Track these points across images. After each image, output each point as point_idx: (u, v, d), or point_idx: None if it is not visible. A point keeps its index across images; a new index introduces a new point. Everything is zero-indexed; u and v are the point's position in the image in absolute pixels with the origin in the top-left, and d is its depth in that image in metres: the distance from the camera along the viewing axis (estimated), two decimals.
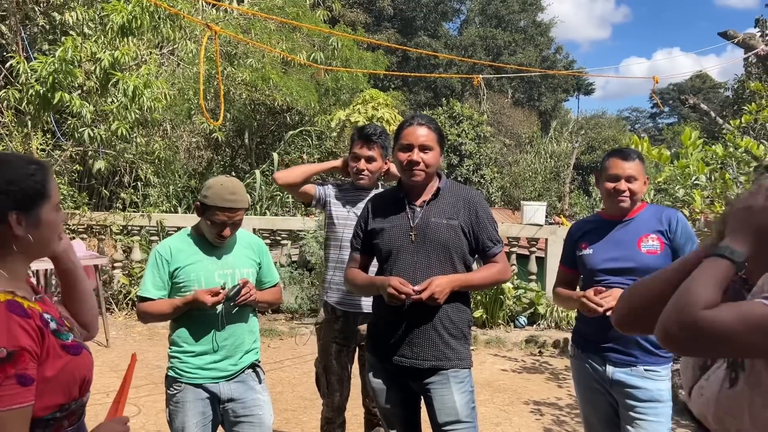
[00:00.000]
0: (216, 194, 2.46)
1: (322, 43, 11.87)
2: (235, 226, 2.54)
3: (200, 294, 2.42)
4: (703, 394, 1.25)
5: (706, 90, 38.31)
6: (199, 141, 12.27)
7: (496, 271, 2.52)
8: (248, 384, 2.61)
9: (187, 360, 2.53)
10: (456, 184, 2.62)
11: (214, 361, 2.53)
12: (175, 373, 2.54)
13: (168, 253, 2.55)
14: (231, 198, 2.47)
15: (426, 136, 2.47)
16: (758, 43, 9.35)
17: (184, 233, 2.65)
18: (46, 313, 1.44)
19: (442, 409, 2.43)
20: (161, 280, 2.53)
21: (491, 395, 5.25)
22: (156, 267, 2.54)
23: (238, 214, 2.50)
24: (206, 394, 2.53)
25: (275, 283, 2.80)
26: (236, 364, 2.58)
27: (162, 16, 7.77)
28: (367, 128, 3.19)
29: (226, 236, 2.52)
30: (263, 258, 2.73)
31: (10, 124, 7.44)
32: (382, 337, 2.51)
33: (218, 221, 2.47)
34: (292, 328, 7.04)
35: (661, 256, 2.54)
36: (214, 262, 2.56)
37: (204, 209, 2.50)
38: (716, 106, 21.66)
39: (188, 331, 2.54)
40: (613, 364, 2.57)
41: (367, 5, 30.90)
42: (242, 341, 2.59)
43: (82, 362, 1.47)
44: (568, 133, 27.96)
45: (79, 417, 1.52)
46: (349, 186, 3.29)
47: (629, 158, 2.62)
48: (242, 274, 2.59)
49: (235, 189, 2.51)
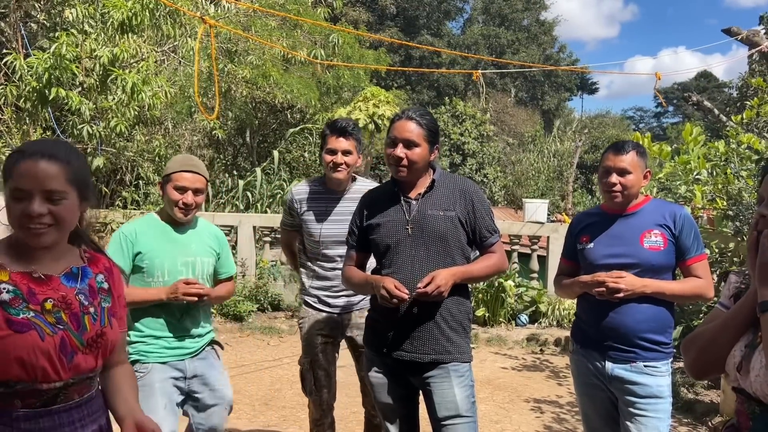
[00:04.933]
0: (175, 161, 2.65)
1: (323, 40, 11.84)
2: (198, 195, 2.59)
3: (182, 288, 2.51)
4: (759, 375, 1.34)
5: (711, 89, 38.18)
6: (200, 139, 12.27)
7: (494, 261, 2.48)
8: (209, 361, 2.71)
9: (151, 342, 2.58)
10: (451, 176, 2.58)
11: (177, 339, 2.61)
12: (141, 356, 2.57)
13: (133, 234, 2.58)
14: (190, 163, 2.61)
15: (412, 132, 2.39)
16: (762, 40, 9.28)
17: (150, 217, 2.71)
18: (6, 284, 1.47)
19: (442, 403, 2.40)
20: (124, 261, 2.53)
21: (491, 393, 5.22)
22: (120, 247, 2.55)
23: (198, 181, 2.58)
24: (173, 372, 2.58)
25: (231, 275, 2.87)
26: (197, 341, 2.67)
27: (162, 14, 7.75)
28: (339, 121, 3.07)
29: (188, 204, 2.57)
30: (222, 249, 2.80)
31: (9, 121, 7.43)
32: (382, 331, 2.47)
33: (179, 186, 2.55)
34: (291, 326, 7.02)
35: (663, 252, 2.50)
36: (177, 249, 2.62)
37: (165, 181, 2.59)
38: (721, 105, 21.56)
39: (150, 316, 2.59)
40: (612, 360, 2.52)
41: (370, 4, 30.87)
42: (199, 320, 2.69)
43: (22, 342, 1.44)
44: (572, 132, 27.87)
45: (43, 404, 1.50)
46: (322, 189, 3.15)
47: (622, 151, 2.56)
48: (203, 263, 2.67)
49: (194, 158, 2.69)
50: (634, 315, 2.48)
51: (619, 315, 2.50)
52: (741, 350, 1.41)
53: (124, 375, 1.75)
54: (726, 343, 1.44)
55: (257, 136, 13.03)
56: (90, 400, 1.61)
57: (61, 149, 1.54)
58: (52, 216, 1.49)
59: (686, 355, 1.57)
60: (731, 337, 1.44)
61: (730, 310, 1.52)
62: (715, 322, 1.52)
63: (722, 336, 1.46)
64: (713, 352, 1.48)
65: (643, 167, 2.59)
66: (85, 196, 1.58)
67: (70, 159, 1.54)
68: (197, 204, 2.61)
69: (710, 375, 1.62)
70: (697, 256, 2.52)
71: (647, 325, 2.48)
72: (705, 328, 1.54)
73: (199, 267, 2.65)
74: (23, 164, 1.48)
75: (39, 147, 1.52)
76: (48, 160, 1.49)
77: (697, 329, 1.57)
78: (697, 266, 2.52)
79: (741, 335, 1.43)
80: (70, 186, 1.52)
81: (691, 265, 2.52)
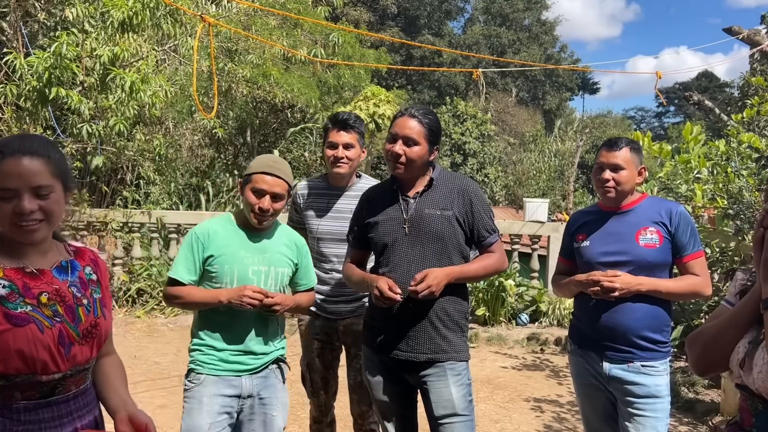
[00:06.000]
0: (258, 161, 2.43)
1: (323, 40, 11.84)
2: (276, 201, 2.38)
3: (248, 291, 2.28)
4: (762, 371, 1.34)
5: (712, 89, 38.10)
6: (201, 139, 12.28)
7: (492, 261, 2.46)
8: (270, 380, 2.47)
9: (209, 352, 2.39)
10: (450, 174, 2.56)
11: (238, 353, 2.39)
12: (196, 365, 2.40)
13: (206, 236, 2.40)
14: (273, 165, 2.40)
15: (412, 130, 2.38)
16: (763, 39, 9.28)
17: (226, 218, 2.51)
18: (1, 280, 1.49)
19: (439, 402, 2.39)
20: (194, 263, 2.38)
21: (491, 392, 5.21)
22: (190, 249, 2.39)
23: (279, 185, 2.37)
24: (226, 389, 2.37)
25: (311, 287, 2.64)
26: (260, 357, 2.43)
27: (162, 13, 7.74)
28: (340, 114, 3.02)
29: (265, 209, 2.35)
30: (302, 259, 2.57)
31: (9, 120, 7.43)
32: (378, 330, 2.47)
33: (257, 189, 2.35)
34: (291, 326, 7.00)
35: (659, 249, 2.48)
36: (250, 256, 2.41)
37: (245, 182, 2.41)
38: (722, 104, 21.53)
39: (213, 324, 2.40)
40: (610, 360, 2.52)
41: (371, 3, 30.86)
42: (267, 335, 2.46)
43: (23, 335, 1.47)
44: (573, 132, 27.88)
45: (42, 396, 1.53)
46: (325, 185, 3.10)
47: (615, 147, 2.55)
48: (277, 274, 2.45)
49: (279, 161, 2.46)
50: (631, 314, 2.47)
51: (615, 314, 2.49)
52: (745, 347, 1.41)
53: (112, 366, 1.78)
54: (730, 339, 1.44)
55: (258, 135, 13.03)
56: (85, 391, 1.64)
57: (38, 144, 1.55)
58: (42, 211, 1.51)
59: (691, 351, 1.57)
60: (736, 334, 1.44)
61: (735, 306, 1.52)
62: (720, 318, 1.52)
63: (727, 333, 1.46)
64: (717, 348, 1.47)
65: (638, 163, 2.57)
66: (68, 186, 1.60)
67: (50, 153, 1.55)
68: (275, 210, 2.40)
69: (715, 372, 1.61)
70: (694, 253, 2.50)
71: (644, 323, 2.47)
72: (710, 325, 1.54)
73: (272, 277, 2.43)
74: (6, 163, 1.48)
75: (17, 145, 1.53)
76: (30, 157, 1.50)
77: (702, 326, 1.57)
78: (694, 263, 2.51)
79: (745, 332, 1.43)
80: (55, 179, 1.54)
81: (688, 262, 2.51)
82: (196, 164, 12.03)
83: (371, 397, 2.61)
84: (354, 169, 3.05)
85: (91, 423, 1.63)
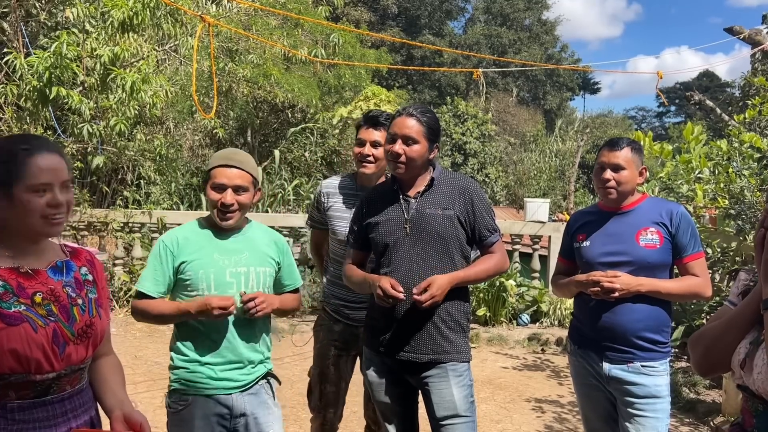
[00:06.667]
0: (216, 156, 2.32)
1: (324, 40, 11.84)
2: (240, 195, 2.23)
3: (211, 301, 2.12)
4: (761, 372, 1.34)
5: (713, 89, 38.06)
6: (201, 139, 12.28)
7: (493, 263, 2.46)
8: (261, 397, 2.33)
9: (195, 369, 2.22)
10: (451, 174, 2.56)
11: (226, 369, 2.24)
12: (182, 385, 2.24)
13: (174, 244, 2.24)
14: (231, 156, 2.28)
15: (411, 128, 2.36)
16: (765, 38, 9.27)
17: (194, 222, 2.36)
18: None
19: (441, 403, 2.39)
20: (163, 275, 2.23)
21: (492, 393, 5.20)
22: (159, 259, 2.24)
23: (240, 177, 2.23)
24: (217, 408, 2.22)
25: (296, 287, 2.49)
26: (250, 373, 2.29)
27: (163, 13, 7.74)
28: (373, 111, 2.90)
29: (228, 203, 2.21)
30: (284, 258, 2.42)
31: (10, 120, 7.43)
32: (380, 331, 2.46)
33: (217, 183, 2.21)
34: (292, 326, 7.00)
35: (659, 250, 2.48)
36: (226, 258, 2.25)
37: (204, 180, 2.28)
38: (723, 104, 21.50)
39: (195, 337, 2.24)
40: (610, 360, 2.51)
41: (372, 3, 30.87)
42: (255, 348, 2.31)
43: (16, 334, 1.48)
44: (574, 131, 27.85)
45: (36, 395, 1.53)
46: (352, 185, 2.95)
47: (616, 147, 2.54)
48: (258, 274, 2.30)
49: (238, 152, 2.34)
50: (630, 314, 2.46)
51: (615, 315, 2.48)
52: (746, 347, 1.41)
53: (110, 366, 1.79)
54: (732, 340, 1.44)
55: (258, 135, 13.03)
56: (81, 391, 1.65)
57: (51, 143, 1.64)
58: (67, 205, 1.59)
59: (693, 352, 1.57)
60: (737, 335, 1.44)
61: (736, 307, 1.52)
62: (722, 319, 1.52)
63: (728, 333, 1.46)
64: (719, 349, 1.48)
65: (639, 164, 2.57)
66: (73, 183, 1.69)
67: (62, 151, 1.63)
68: (241, 204, 2.24)
69: (717, 372, 1.61)
70: (694, 254, 2.50)
71: (644, 324, 2.47)
72: (712, 326, 1.54)
73: (253, 278, 2.28)
74: (38, 159, 1.53)
75: (37, 142, 1.59)
76: (54, 154, 1.58)
77: (704, 327, 1.57)
78: (694, 264, 2.50)
79: (747, 332, 1.43)
80: (71, 175, 1.61)
81: (688, 263, 2.50)
82: (197, 164, 12.02)
83: (372, 398, 2.59)
84: (382, 169, 2.85)
85: (86, 423, 1.64)
